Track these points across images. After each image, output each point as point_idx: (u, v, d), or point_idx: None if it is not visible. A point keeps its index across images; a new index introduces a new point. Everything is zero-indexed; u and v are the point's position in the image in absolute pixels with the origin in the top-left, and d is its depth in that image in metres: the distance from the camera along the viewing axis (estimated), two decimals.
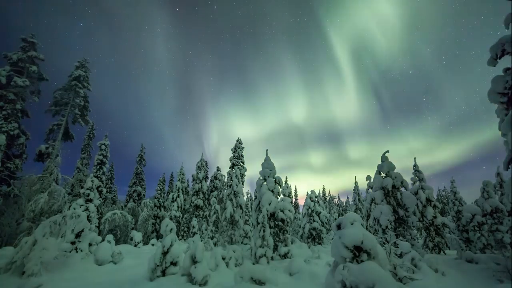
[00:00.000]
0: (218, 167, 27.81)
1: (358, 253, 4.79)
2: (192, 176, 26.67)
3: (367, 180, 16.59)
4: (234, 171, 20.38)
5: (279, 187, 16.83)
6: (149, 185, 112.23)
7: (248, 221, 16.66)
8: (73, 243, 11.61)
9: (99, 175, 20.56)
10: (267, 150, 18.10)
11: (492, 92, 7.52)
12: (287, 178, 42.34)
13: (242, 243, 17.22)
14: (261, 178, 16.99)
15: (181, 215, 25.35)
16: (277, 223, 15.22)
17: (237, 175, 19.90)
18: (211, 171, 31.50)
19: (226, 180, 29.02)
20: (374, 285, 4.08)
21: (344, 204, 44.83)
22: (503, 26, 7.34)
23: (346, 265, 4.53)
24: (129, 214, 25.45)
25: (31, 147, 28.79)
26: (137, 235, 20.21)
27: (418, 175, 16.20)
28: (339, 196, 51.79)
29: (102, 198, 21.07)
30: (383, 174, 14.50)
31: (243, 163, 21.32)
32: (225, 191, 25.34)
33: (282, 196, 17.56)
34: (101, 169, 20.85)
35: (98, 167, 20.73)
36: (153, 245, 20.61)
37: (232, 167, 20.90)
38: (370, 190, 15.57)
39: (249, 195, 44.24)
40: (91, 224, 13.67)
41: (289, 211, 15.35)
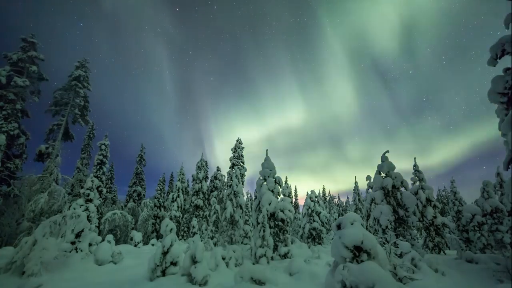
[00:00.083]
0: (218, 167, 27.83)
1: (358, 253, 4.79)
2: (192, 176, 26.67)
3: (367, 180, 16.58)
4: (234, 171, 20.39)
5: (279, 187, 16.84)
6: (149, 185, 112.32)
7: (248, 221, 16.66)
8: (73, 243, 11.61)
9: (99, 175, 20.58)
10: (267, 150, 18.12)
11: (492, 92, 7.52)
12: (287, 178, 42.37)
13: (242, 243, 17.21)
14: (261, 178, 16.99)
15: (181, 215, 25.35)
16: (277, 223, 15.22)
17: (237, 175, 19.91)
18: (211, 171, 31.54)
19: (226, 180, 29.04)
20: (374, 285, 4.08)
21: (344, 204, 44.84)
22: (503, 26, 7.35)
23: (346, 265, 4.53)
24: (129, 214, 25.46)
25: (31, 147, 28.78)
26: (137, 235, 20.22)
27: (418, 175, 16.20)
28: (339, 196, 51.79)
29: (102, 198, 21.08)
30: (383, 174, 14.50)
31: (243, 163, 21.33)
32: (225, 191, 25.35)
33: (282, 196, 17.56)
34: (101, 169, 20.87)
35: (98, 167, 20.75)
36: (153, 245, 20.60)
37: (232, 167, 20.90)
38: (370, 190, 15.57)
39: (249, 195, 44.28)
40: (91, 224, 13.67)
41: (289, 211, 15.35)
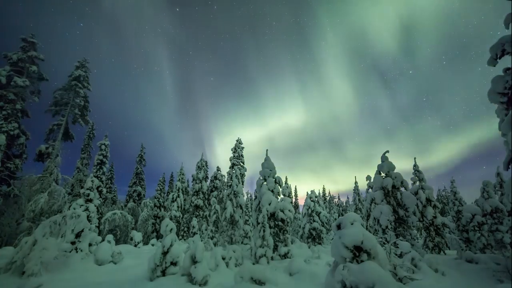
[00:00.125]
0: (218, 167, 27.82)
1: (358, 253, 4.79)
2: (192, 176, 26.67)
3: (367, 180, 16.58)
4: (234, 171, 20.39)
5: (279, 187, 16.84)
6: (149, 185, 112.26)
7: (248, 221, 16.66)
8: (73, 243, 11.61)
9: (99, 175, 20.58)
10: (267, 150, 18.12)
11: (492, 92, 7.52)
12: (287, 178, 42.36)
13: (242, 243, 17.21)
14: (261, 178, 17.00)
15: (181, 215, 25.35)
16: (277, 223, 15.22)
17: (237, 175, 19.91)
18: (211, 171, 31.54)
19: (226, 180, 29.04)
20: (374, 285, 4.08)
21: (344, 204, 44.84)
22: (503, 26, 7.34)
23: (346, 265, 4.53)
24: (129, 214, 25.46)
25: (31, 147, 28.80)
26: (137, 235, 20.22)
27: (418, 175, 16.20)
28: (339, 196, 51.76)
29: (102, 198, 21.09)
30: (383, 174, 14.51)
31: (243, 163, 21.33)
32: (225, 191, 25.36)
33: (282, 196, 17.56)
34: (101, 169, 20.87)
35: (98, 167, 20.75)
36: (153, 245, 20.60)
37: (232, 167, 20.90)
38: (370, 190, 15.57)
39: (249, 195, 44.28)
40: (91, 224, 13.67)
41: (289, 211, 15.35)
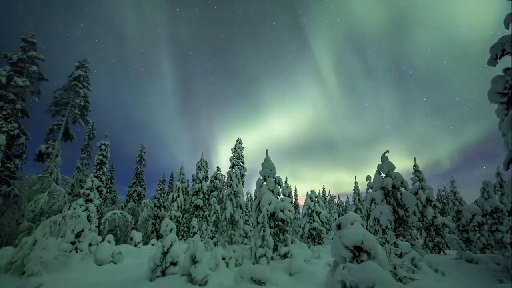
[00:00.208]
0: (218, 167, 27.82)
1: (358, 253, 4.79)
2: (192, 176, 26.67)
3: (367, 180, 16.60)
4: (234, 171, 20.39)
5: (279, 187, 16.85)
6: (149, 185, 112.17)
7: (248, 221, 16.67)
8: (73, 243, 11.62)
9: (99, 175, 20.58)
10: (267, 150, 18.11)
11: (492, 92, 7.52)
12: (287, 178, 42.35)
13: (242, 243, 17.20)
14: (261, 178, 17.00)
15: (181, 215, 25.36)
16: (277, 223, 15.22)
17: (237, 175, 19.91)
18: (211, 171, 31.52)
19: (226, 180, 29.03)
20: (374, 285, 4.08)
21: (344, 204, 44.84)
22: (503, 26, 7.34)
23: (346, 265, 4.53)
24: (129, 214, 25.45)
25: (31, 147, 28.77)
26: (137, 235, 20.21)
27: (418, 175, 16.20)
28: (339, 196, 51.75)
29: (102, 198, 21.09)
30: (383, 174, 14.51)
31: (243, 163, 21.33)
32: (225, 191, 25.36)
33: (282, 196, 17.56)
34: (101, 169, 20.88)
35: (98, 167, 20.75)
36: (153, 245, 20.61)
37: (232, 167, 20.90)
38: (370, 190, 15.57)
39: (249, 195, 44.27)
40: (91, 224, 13.68)
41: (289, 211, 15.35)
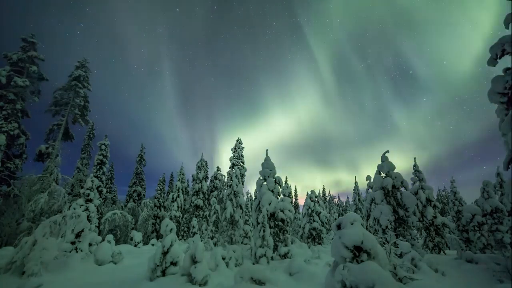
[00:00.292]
0: (218, 167, 27.79)
1: (358, 253, 4.79)
2: (192, 176, 26.66)
3: (367, 180, 16.59)
4: (234, 171, 20.40)
5: (279, 187, 16.85)
6: (149, 185, 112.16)
7: (248, 221, 16.67)
8: (73, 243, 11.62)
9: (99, 175, 20.59)
10: (267, 150, 18.11)
11: (492, 92, 7.52)
12: (287, 178, 42.37)
13: (242, 243, 17.21)
14: (261, 178, 17.00)
15: (181, 215, 25.35)
16: (277, 223, 15.22)
17: (237, 175, 19.92)
18: (211, 171, 31.50)
19: (226, 180, 29.01)
20: (374, 285, 4.08)
21: (344, 204, 44.85)
22: (503, 26, 7.34)
23: (346, 265, 4.53)
24: (129, 214, 25.45)
25: (31, 147, 28.76)
26: (137, 235, 20.22)
27: (418, 175, 16.20)
28: (339, 196, 51.82)
29: (102, 198, 21.10)
30: (383, 174, 14.51)
31: (243, 163, 21.34)
32: (225, 191, 25.37)
33: (282, 196, 17.57)
34: (101, 169, 20.89)
35: (98, 167, 20.76)
36: (153, 245, 20.61)
37: (232, 167, 20.91)
38: (370, 190, 15.57)
39: (249, 195, 44.27)
40: (91, 224, 13.68)
41: (289, 211, 15.35)
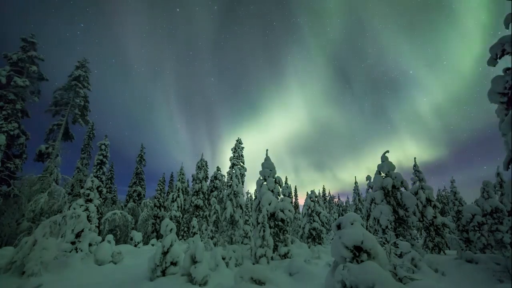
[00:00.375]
0: (218, 167, 27.77)
1: (358, 253, 4.79)
2: (192, 176, 26.66)
3: (367, 180, 16.57)
4: (234, 171, 20.39)
5: (279, 187, 16.84)
6: (149, 185, 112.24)
7: (248, 221, 16.67)
8: (73, 243, 11.63)
9: (99, 175, 20.60)
10: (267, 150, 18.13)
11: (492, 92, 7.51)
12: (287, 178, 42.31)
13: (242, 243, 17.20)
14: (261, 178, 17.00)
15: (181, 215, 25.35)
16: (277, 223, 15.22)
17: (237, 175, 19.91)
18: (211, 171, 31.50)
19: (226, 180, 29.00)
20: (374, 285, 4.08)
21: (344, 204, 44.84)
22: (503, 26, 7.34)
23: (346, 265, 4.53)
24: (129, 214, 25.45)
25: (31, 147, 28.80)
26: (137, 235, 20.21)
27: (418, 175, 16.19)
28: (339, 196, 51.81)
29: (102, 198, 21.10)
30: (383, 174, 14.50)
31: (243, 163, 21.34)
32: (225, 191, 25.35)
33: (282, 196, 17.56)
34: (101, 169, 20.89)
35: (98, 167, 20.76)
36: (153, 245, 20.60)
37: (232, 167, 20.90)
38: (370, 190, 15.56)
39: (249, 195, 44.25)
40: (91, 224, 13.69)
41: (289, 211, 15.35)
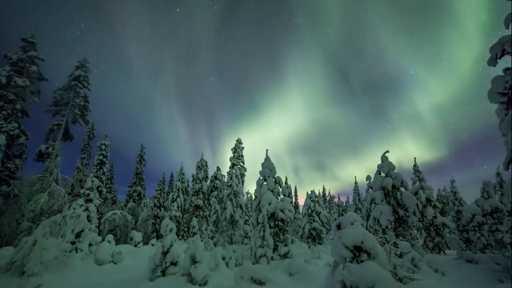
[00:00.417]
0: (218, 167, 27.80)
1: (358, 253, 4.79)
2: (192, 176, 26.67)
3: (367, 180, 16.56)
4: (234, 171, 20.39)
5: (279, 187, 16.84)
6: (149, 185, 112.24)
7: (248, 221, 16.67)
8: (73, 243, 11.63)
9: (99, 175, 20.60)
10: (267, 150, 18.13)
11: (492, 92, 7.51)
12: (287, 178, 42.30)
13: (242, 243, 17.20)
14: (261, 178, 17.00)
15: (181, 215, 25.35)
16: (277, 223, 15.22)
17: (237, 175, 19.91)
18: (211, 171, 31.51)
19: (226, 180, 29.00)
20: (374, 285, 4.08)
21: (344, 204, 44.84)
22: (503, 26, 7.33)
23: (346, 265, 4.53)
24: (129, 214, 25.45)
25: (31, 147, 28.80)
26: (137, 235, 20.21)
27: (418, 175, 16.19)
28: (339, 196, 51.81)
29: (102, 198, 21.10)
30: (383, 174, 14.50)
31: (243, 163, 21.33)
32: (225, 191, 25.35)
33: (282, 196, 17.56)
34: (101, 169, 20.89)
35: (98, 167, 20.77)
36: (153, 245, 20.60)
37: (232, 167, 20.90)
38: (370, 190, 15.56)
39: (249, 195, 44.26)
40: (91, 224, 13.69)
41: (289, 211, 15.35)
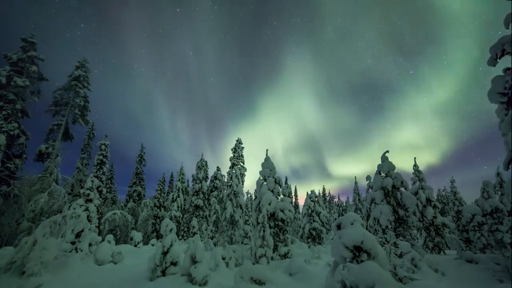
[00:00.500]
0: (218, 167, 27.79)
1: (358, 253, 4.79)
2: (192, 176, 26.65)
3: (367, 180, 16.56)
4: (234, 171, 20.39)
5: (279, 187, 16.84)
6: (149, 185, 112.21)
7: (248, 221, 16.67)
8: (73, 243, 11.63)
9: (99, 175, 20.60)
10: (267, 150, 18.16)
11: (492, 92, 7.50)
12: (287, 178, 42.34)
13: (242, 243, 17.20)
14: (261, 178, 16.99)
15: (181, 215, 25.34)
16: (277, 223, 15.22)
17: (237, 175, 19.91)
18: (211, 171, 31.51)
19: (226, 180, 29.01)
20: (374, 285, 4.08)
21: (344, 204, 44.84)
22: (503, 26, 7.33)
23: (346, 265, 4.53)
24: (129, 214, 25.45)
25: (31, 147, 28.83)
26: (137, 235, 20.21)
27: (418, 175, 16.19)
28: (339, 196, 51.81)
29: (102, 198, 21.09)
30: (383, 174, 14.50)
31: (243, 163, 21.34)
32: (225, 191, 25.37)
33: (282, 196, 17.56)
34: (101, 169, 20.89)
35: (98, 167, 20.77)
36: (153, 245, 20.60)
37: (232, 167, 20.90)
38: (370, 190, 15.56)
39: (249, 195, 44.28)
40: (91, 224, 13.68)
41: (289, 211, 15.35)
